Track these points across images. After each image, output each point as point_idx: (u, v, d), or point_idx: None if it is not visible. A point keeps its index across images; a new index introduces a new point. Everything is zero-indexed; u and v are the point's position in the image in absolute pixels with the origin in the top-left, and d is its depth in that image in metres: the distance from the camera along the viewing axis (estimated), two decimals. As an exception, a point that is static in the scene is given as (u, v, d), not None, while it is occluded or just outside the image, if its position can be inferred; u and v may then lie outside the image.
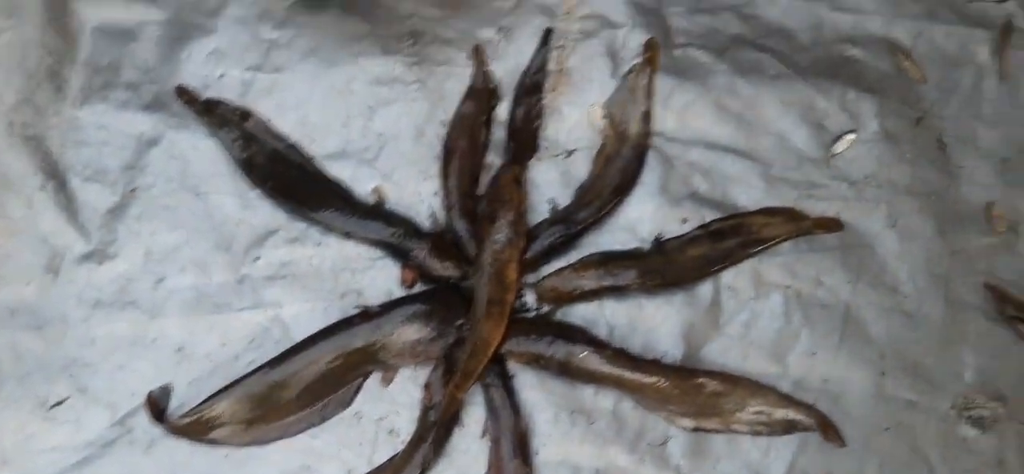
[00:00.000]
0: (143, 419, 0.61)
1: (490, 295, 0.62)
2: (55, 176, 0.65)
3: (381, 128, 0.68)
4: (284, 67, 0.68)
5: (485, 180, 0.67)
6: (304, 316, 0.64)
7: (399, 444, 0.62)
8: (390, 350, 0.62)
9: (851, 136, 0.66)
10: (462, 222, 0.65)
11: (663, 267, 0.64)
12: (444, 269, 0.64)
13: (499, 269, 0.62)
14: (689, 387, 0.61)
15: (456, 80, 0.68)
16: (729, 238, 0.64)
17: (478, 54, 0.68)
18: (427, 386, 0.62)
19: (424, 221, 0.66)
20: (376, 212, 0.66)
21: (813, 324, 0.63)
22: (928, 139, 0.67)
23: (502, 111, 0.68)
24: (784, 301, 0.64)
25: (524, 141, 0.67)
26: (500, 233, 0.63)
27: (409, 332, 0.62)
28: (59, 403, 0.62)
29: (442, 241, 0.65)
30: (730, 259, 0.64)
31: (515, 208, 0.63)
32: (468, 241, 0.65)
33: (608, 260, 0.64)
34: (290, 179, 0.66)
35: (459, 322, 0.63)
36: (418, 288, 0.65)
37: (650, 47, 0.68)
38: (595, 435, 0.62)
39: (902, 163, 0.66)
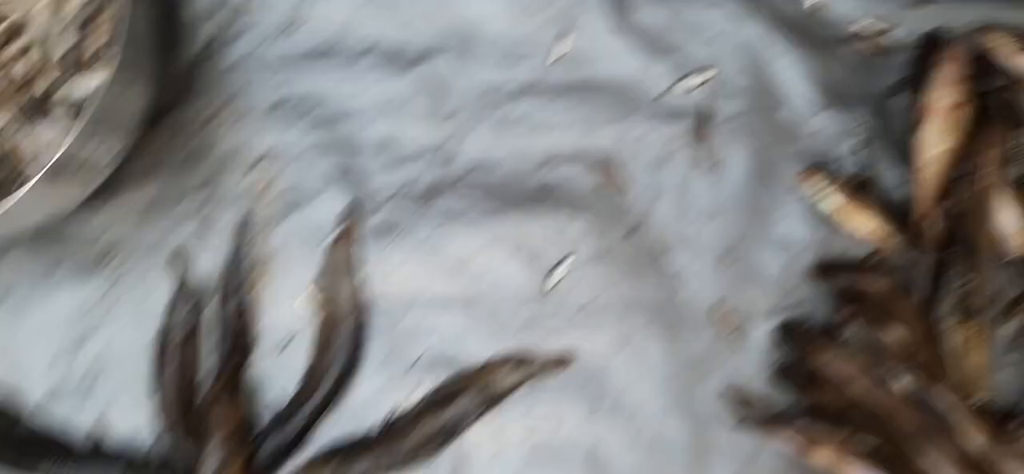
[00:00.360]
0: None
1: (211, 525, 0.58)
2: None
3: (92, 357, 0.64)
4: (-18, 317, 0.65)
5: (203, 390, 0.63)
6: None
7: None
8: None
9: (567, 262, 0.63)
10: (185, 442, 0.62)
11: (396, 448, 0.60)
12: (173, 498, 0.61)
13: (216, 495, 0.59)
14: (439, 568, 0.58)
15: (159, 291, 0.65)
16: (461, 400, 0.61)
17: (177, 259, 0.65)
18: None
19: (147, 448, 0.63)
20: (95, 454, 0.62)
21: (559, 468, 0.60)
22: (644, 248, 0.63)
23: (211, 312, 0.65)
24: (528, 452, 0.60)
25: (238, 339, 0.64)
26: (214, 455, 0.59)
27: None
28: None
29: (166, 469, 0.62)
30: (466, 421, 0.61)
31: (229, 423, 0.60)
32: (191, 463, 0.61)
33: (337, 454, 0.61)
34: (2, 437, 0.63)
35: (191, 555, 0.60)
36: (153, 522, 0.62)
37: (348, 214, 0.64)
38: None
39: (623, 279, 0.62)
